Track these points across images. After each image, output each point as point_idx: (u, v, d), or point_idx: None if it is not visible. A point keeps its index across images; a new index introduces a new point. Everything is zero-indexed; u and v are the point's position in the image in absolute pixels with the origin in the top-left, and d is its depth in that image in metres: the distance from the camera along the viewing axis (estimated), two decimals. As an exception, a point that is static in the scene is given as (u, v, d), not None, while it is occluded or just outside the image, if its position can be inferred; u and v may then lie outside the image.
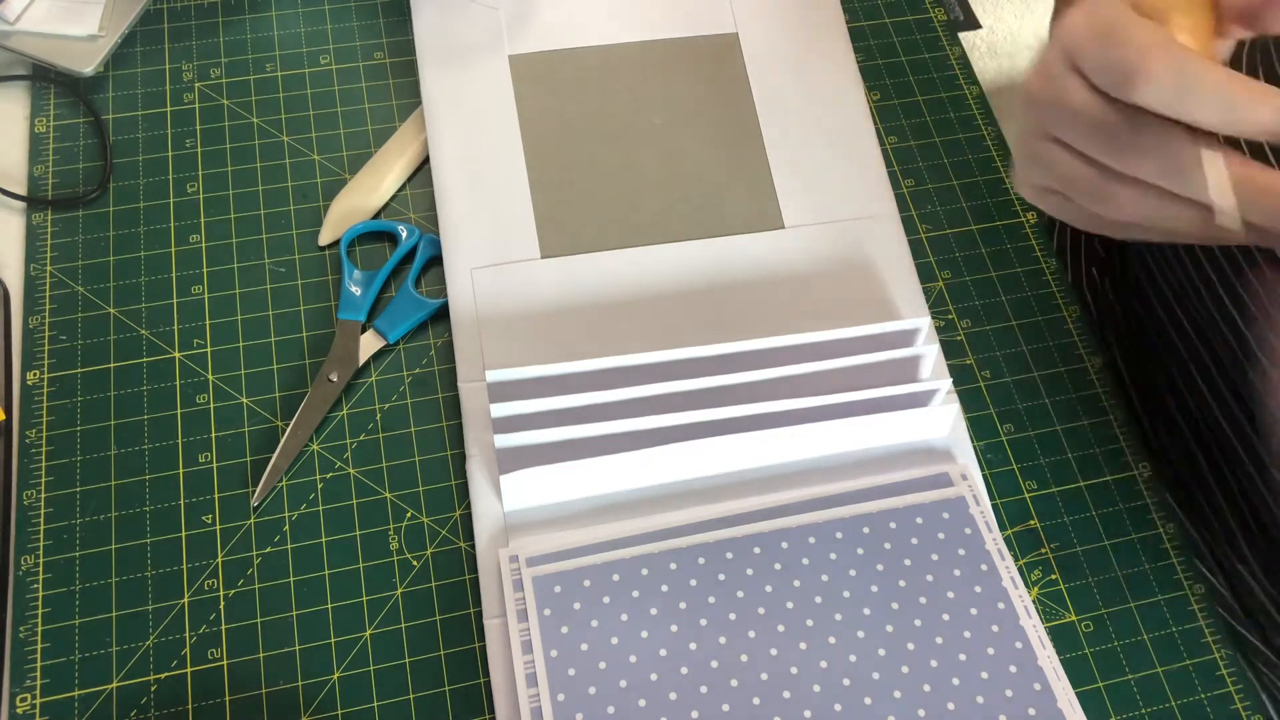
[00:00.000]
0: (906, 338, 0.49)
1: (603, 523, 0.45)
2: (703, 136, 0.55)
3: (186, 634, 0.43)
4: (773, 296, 0.51)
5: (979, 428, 0.50)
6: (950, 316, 0.53)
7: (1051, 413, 0.51)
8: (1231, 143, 0.31)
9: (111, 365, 0.48)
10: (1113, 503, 0.49)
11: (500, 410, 0.44)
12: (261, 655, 0.43)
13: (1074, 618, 0.46)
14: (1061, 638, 0.46)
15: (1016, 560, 0.47)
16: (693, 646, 0.42)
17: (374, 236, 0.53)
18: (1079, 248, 0.66)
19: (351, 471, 0.47)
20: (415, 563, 0.45)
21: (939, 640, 0.43)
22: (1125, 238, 0.36)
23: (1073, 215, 0.37)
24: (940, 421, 0.48)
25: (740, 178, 0.55)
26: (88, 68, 0.54)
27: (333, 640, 0.43)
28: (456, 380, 0.48)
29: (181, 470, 0.46)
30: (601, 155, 0.55)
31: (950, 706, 0.41)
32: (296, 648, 0.43)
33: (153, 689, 0.42)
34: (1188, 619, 0.47)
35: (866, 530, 0.45)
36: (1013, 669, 0.42)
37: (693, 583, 0.44)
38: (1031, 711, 0.42)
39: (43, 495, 0.45)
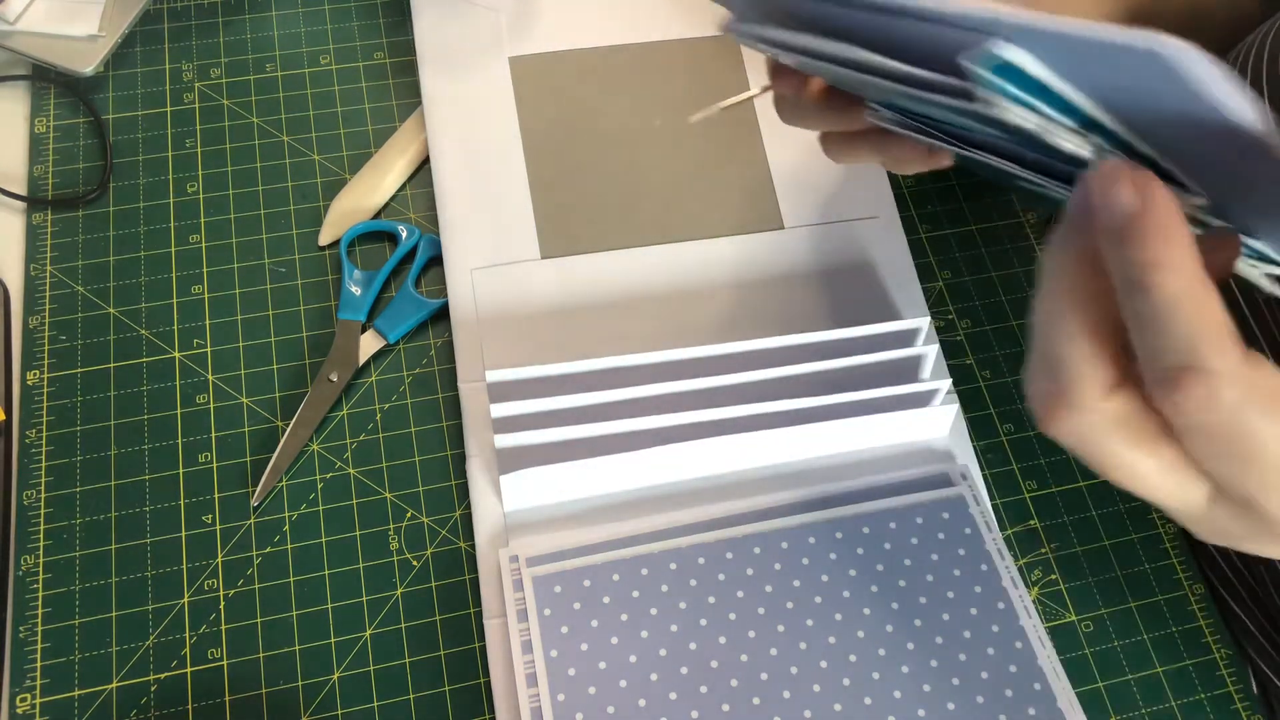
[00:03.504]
0: (906, 338, 0.49)
1: (603, 523, 0.45)
2: (703, 137, 0.55)
3: (186, 634, 0.43)
4: (773, 296, 0.51)
5: (979, 428, 0.50)
6: (950, 316, 0.53)
7: (1051, 413, 0.51)
8: None
9: (111, 365, 0.48)
10: (1113, 503, 0.49)
11: (500, 410, 0.44)
12: (261, 655, 0.43)
13: (1074, 618, 0.46)
14: (1061, 638, 0.46)
15: (1016, 560, 0.47)
16: (693, 646, 0.42)
17: (374, 236, 0.53)
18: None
19: (351, 471, 0.47)
20: (415, 563, 0.45)
21: (939, 640, 0.43)
22: None
23: None
24: (940, 421, 0.48)
25: (740, 178, 0.55)
26: (88, 68, 0.54)
27: (333, 640, 0.43)
28: (456, 380, 0.48)
29: (181, 470, 0.46)
30: (601, 156, 0.55)
31: (950, 706, 0.41)
32: (296, 648, 0.43)
33: (153, 689, 0.42)
34: (1188, 619, 0.47)
35: (866, 530, 0.45)
36: (1013, 669, 0.42)
37: (693, 583, 0.43)
38: (1031, 711, 0.42)
39: (43, 495, 0.45)
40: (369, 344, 0.49)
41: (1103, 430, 0.28)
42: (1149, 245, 0.24)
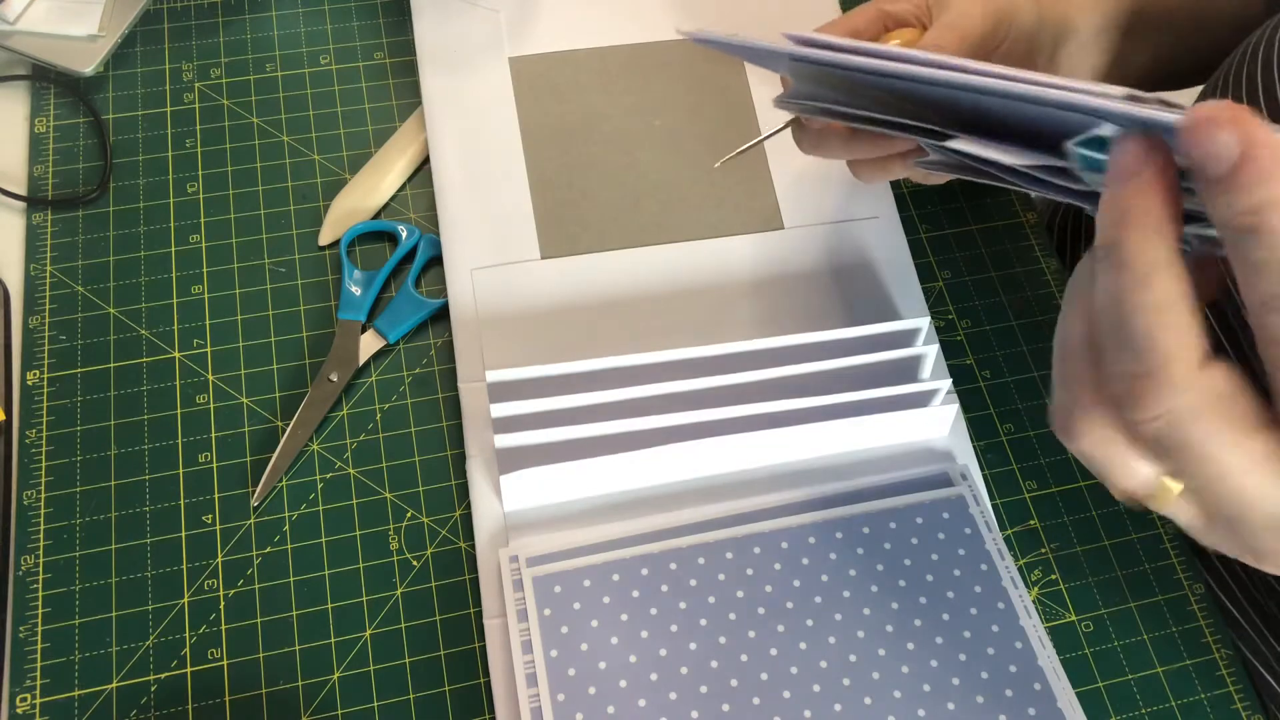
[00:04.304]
0: (906, 338, 0.49)
1: (603, 523, 0.45)
2: (702, 137, 0.55)
3: (186, 634, 0.43)
4: (773, 296, 0.51)
5: (979, 428, 0.50)
6: (950, 316, 0.53)
7: (1051, 413, 0.51)
8: None
9: (111, 365, 0.48)
10: (1113, 503, 0.49)
11: (500, 410, 0.44)
12: (261, 655, 0.43)
13: (1074, 618, 0.46)
14: (1061, 638, 0.46)
15: (1016, 560, 0.47)
16: (693, 646, 0.42)
17: (374, 236, 0.53)
18: (1079, 247, 0.66)
19: (351, 471, 0.47)
20: (415, 563, 0.45)
21: (939, 640, 0.43)
22: None
23: None
24: (940, 421, 0.48)
25: (740, 178, 0.55)
26: (88, 68, 0.54)
27: (333, 640, 0.43)
28: (456, 380, 0.48)
29: (181, 470, 0.46)
30: (601, 156, 0.55)
31: (950, 706, 0.41)
32: (296, 648, 0.43)
33: (153, 689, 0.42)
34: (1188, 619, 0.47)
35: (866, 530, 0.45)
36: (1013, 669, 0.42)
37: (693, 583, 0.43)
38: (1031, 711, 0.42)
39: (43, 495, 0.45)
40: (369, 344, 0.49)
41: (1197, 412, 0.26)
42: (1260, 188, 0.22)
